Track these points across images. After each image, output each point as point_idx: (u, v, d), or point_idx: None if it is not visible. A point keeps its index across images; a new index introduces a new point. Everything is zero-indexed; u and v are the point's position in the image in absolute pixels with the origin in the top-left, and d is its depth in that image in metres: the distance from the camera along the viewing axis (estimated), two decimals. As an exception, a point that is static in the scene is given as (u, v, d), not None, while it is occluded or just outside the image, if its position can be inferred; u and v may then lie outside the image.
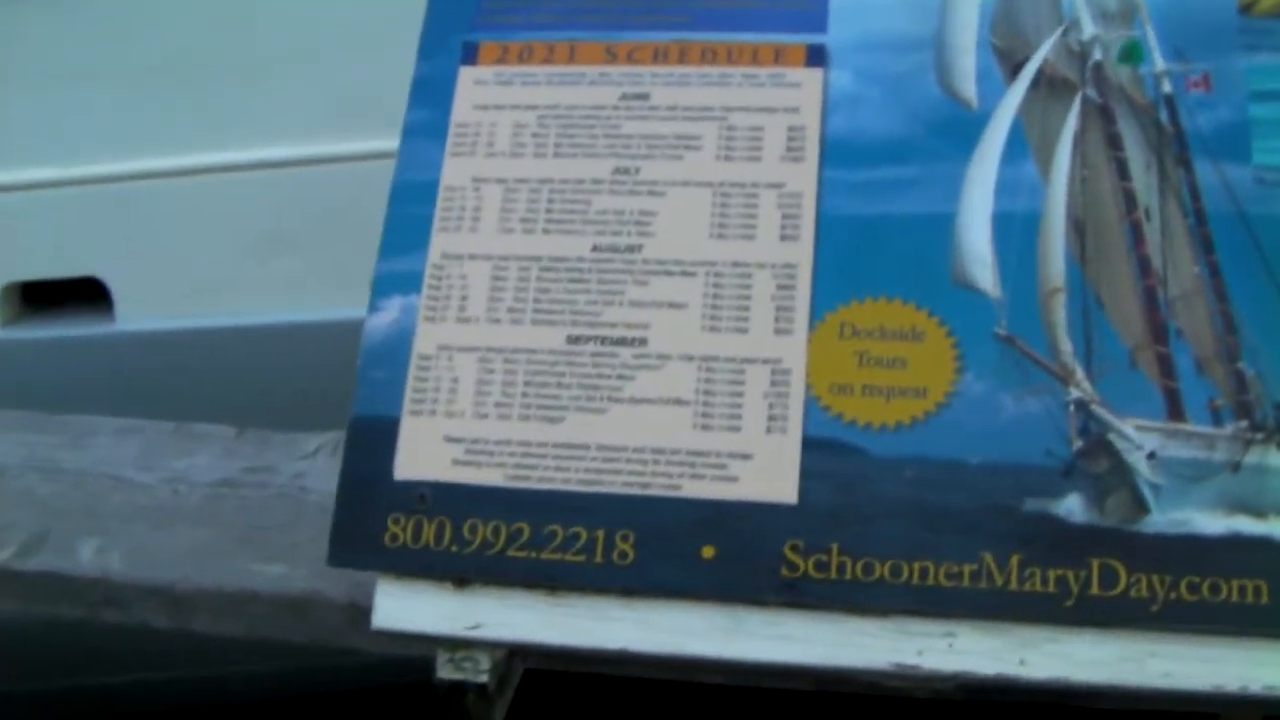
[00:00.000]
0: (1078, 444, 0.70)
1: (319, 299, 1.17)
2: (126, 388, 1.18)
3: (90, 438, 0.85)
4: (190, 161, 1.19)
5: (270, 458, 0.82)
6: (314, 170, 1.19)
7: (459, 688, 0.70)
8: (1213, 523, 0.68)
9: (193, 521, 0.80)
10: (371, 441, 0.74)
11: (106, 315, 1.21)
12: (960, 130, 0.77)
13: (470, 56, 0.83)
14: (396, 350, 0.76)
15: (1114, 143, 0.77)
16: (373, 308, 0.77)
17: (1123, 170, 0.77)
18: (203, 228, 1.19)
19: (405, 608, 0.71)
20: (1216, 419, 0.70)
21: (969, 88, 0.79)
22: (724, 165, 0.78)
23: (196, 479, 0.82)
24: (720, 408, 0.73)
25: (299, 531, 0.78)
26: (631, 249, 0.77)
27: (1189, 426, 0.70)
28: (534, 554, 0.71)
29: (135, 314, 1.20)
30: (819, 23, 0.81)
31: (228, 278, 1.20)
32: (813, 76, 0.80)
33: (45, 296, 1.23)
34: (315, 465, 0.81)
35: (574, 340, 0.75)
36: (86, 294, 1.21)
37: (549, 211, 0.78)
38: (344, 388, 0.77)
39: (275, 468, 0.82)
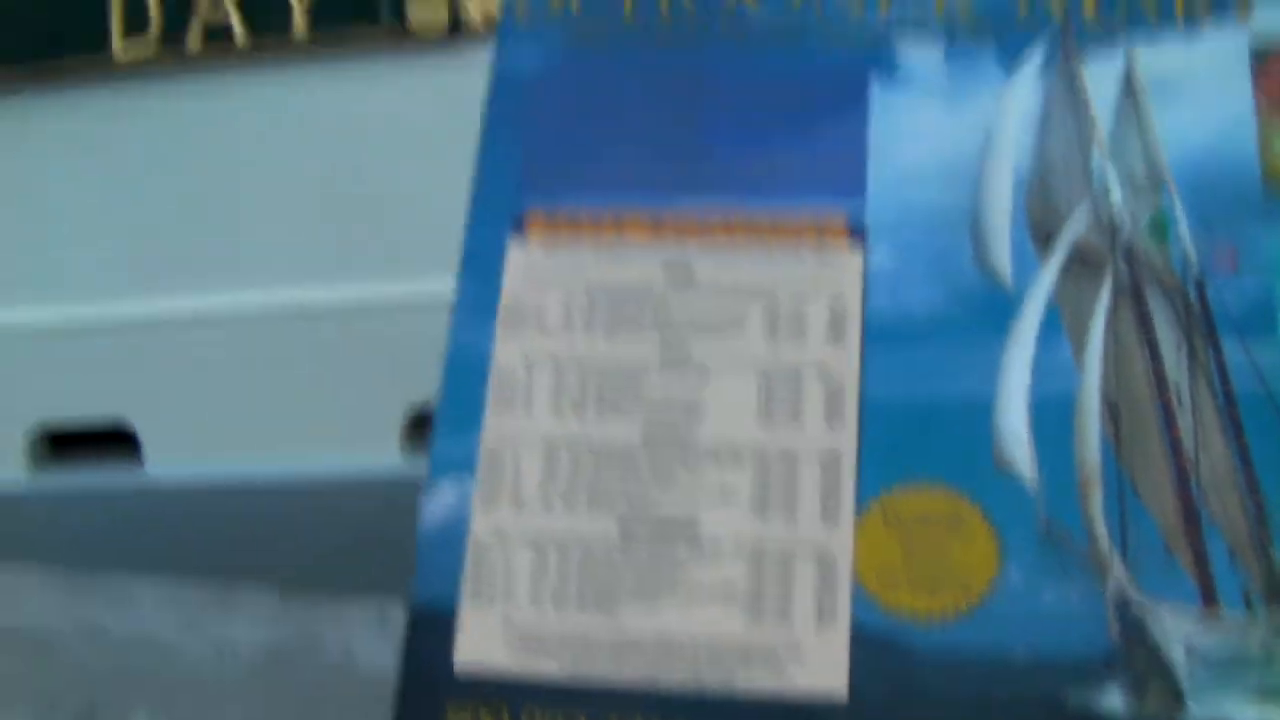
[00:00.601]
0: (1116, 634, 0.72)
1: (351, 447, 1.17)
2: (157, 537, 1.17)
3: (130, 602, 0.85)
4: (223, 302, 1.19)
5: (316, 628, 0.83)
6: (343, 313, 1.18)
7: None
8: (1247, 714, 0.70)
9: (243, 697, 0.80)
10: (431, 629, 0.76)
11: (135, 462, 1.20)
12: (997, 309, 0.79)
13: (518, 228, 0.84)
14: (453, 534, 0.77)
15: (1145, 322, 0.79)
16: (429, 489, 0.78)
17: (1154, 351, 0.78)
18: (234, 371, 1.19)
19: (470, 802, 0.73)
20: (1250, 607, 0.72)
21: (1005, 265, 0.80)
22: (769, 347, 0.79)
23: (241, 650, 0.82)
24: (770, 599, 0.75)
25: (350, 711, 0.79)
26: (681, 433, 0.78)
27: (1223, 615, 0.72)
28: (594, 748, 0.73)
29: (164, 460, 1.19)
30: (857, 188, 0.82)
31: (260, 423, 1.19)
32: (853, 253, 0.81)
33: (73, 443, 1.22)
34: (363, 636, 0.82)
35: (626, 527, 0.77)
36: (115, 440, 1.20)
37: (599, 393, 0.79)
38: (378, 541, 0.77)
39: (322, 637, 0.83)
